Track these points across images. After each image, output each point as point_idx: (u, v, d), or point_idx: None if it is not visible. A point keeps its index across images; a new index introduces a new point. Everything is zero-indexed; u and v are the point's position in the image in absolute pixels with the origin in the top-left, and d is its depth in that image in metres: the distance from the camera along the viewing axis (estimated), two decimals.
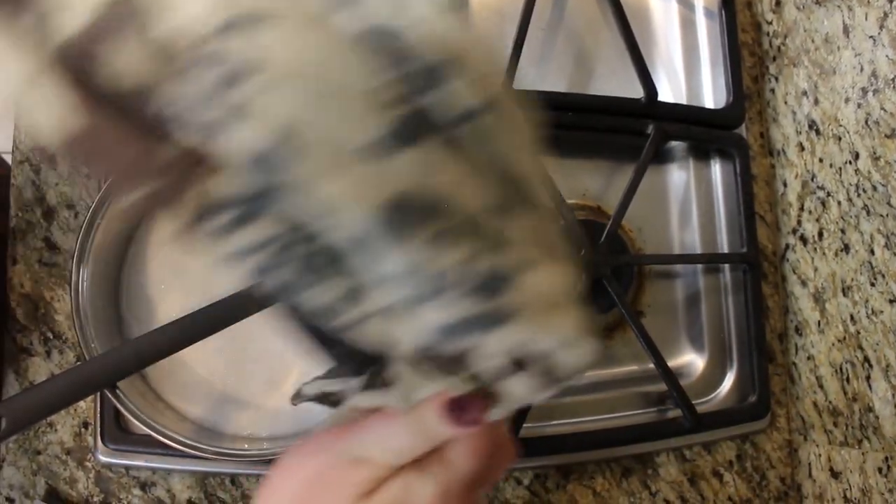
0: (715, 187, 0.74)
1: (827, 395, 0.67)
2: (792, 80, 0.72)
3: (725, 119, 0.71)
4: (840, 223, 0.65)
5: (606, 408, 0.69)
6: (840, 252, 0.65)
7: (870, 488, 0.61)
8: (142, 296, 0.62)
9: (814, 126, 0.68)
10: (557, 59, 0.74)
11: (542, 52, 0.74)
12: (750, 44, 0.78)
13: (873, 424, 0.61)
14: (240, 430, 0.60)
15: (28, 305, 0.68)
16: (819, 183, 0.68)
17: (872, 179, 0.60)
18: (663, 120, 0.70)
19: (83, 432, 0.67)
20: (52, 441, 0.67)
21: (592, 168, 0.73)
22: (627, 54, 0.70)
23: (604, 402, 0.69)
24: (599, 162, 0.73)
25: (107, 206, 0.57)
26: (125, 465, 0.65)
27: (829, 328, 0.67)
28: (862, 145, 0.61)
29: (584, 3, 0.75)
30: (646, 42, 0.76)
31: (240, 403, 0.61)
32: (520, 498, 0.69)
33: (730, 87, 0.73)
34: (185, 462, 0.65)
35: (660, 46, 0.76)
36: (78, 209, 0.70)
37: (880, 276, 0.60)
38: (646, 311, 0.71)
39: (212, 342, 0.58)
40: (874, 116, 0.60)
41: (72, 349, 0.68)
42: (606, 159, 0.73)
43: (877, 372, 0.60)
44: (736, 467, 0.72)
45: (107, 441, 0.64)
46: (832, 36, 0.65)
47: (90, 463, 0.67)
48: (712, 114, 0.73)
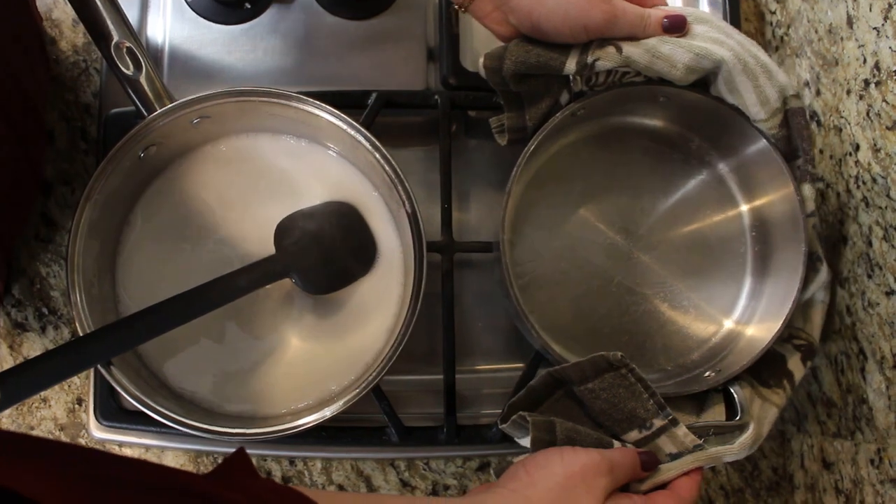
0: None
1: (821, 386, 0.67)
2: (794, 70, 0.72)
3: None
4: (838, 214, 0.64)
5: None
6: (838, 244, 0.65)
7: (861, 479, 0.61)
8: (138, 273, 0.62)
9: (815, 117, 0.68)
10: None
11: None
12: (753, 33, 0.78)
13: (866, 416, 0.61)
14: (233, 409, 0.60)
15: (24, 281, 0.68)
16: (818, 174, 0.68)
17: (872, 171, 0.60)
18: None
19: (77, 408, 0.67)
20: (46, 417, 0.67)
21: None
22: None
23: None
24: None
25: (104, 182, 0.57)
26: (119, 441, 0.66)
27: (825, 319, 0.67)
28: (863, 137, 0.61)
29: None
30: None
31: (234, 383, 0.61)
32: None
33: None
34: (179, 440, 0.65)
35: None
36: (74, 185, 0.69)
37: (878, 269, 0.59)
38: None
39: (208, 321, 0.58)
40: (876, 108, 0.59)
41: (67, 325, 0.68)
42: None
43: (871, 364, 0.60)
44: None
45: (101, 418, 0.64)
46: (836, 26, 0.65)
47: (84, 440, 0.67)
48: None
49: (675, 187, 0.68)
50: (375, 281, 0.63)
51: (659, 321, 0.66)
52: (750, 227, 0.67)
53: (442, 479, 0.68)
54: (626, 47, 0.57)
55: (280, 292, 0.62)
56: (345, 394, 0.57)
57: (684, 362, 0.65)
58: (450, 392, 0.63)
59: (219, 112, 0.59)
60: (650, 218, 0.67)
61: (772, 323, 0.60)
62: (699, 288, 0.66)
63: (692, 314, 0.66)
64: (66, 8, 0.71)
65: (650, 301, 0.66)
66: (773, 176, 0.61)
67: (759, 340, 0.60)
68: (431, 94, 0.68)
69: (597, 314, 0.65)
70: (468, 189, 0.70)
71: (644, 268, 0.66)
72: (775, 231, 0.64)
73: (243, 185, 0.64)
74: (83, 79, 0.71)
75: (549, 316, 0.63)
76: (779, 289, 0.62)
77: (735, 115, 0.60)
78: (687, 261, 0.67)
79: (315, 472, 0.68)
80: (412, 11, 0.72)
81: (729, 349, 0.63)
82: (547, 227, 0.66)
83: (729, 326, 0.65)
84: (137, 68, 0.57)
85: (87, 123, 0.70)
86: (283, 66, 0.70)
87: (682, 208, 0.67)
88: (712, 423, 0.57)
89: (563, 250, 0.66)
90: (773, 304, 0.62)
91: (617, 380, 0.54)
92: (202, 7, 0.70)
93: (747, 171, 0.65)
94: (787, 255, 0.61)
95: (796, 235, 0.60)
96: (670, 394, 0.58)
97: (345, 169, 0.64)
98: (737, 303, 0.66)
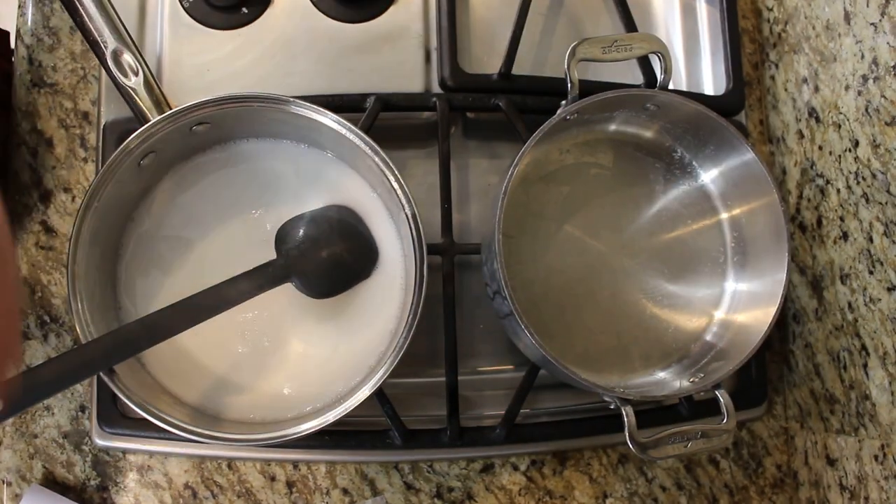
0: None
1: (824, 382, 0.67)
2: (792, 67, 0.72)
3: (725, 106, 0.71)
4: (839, 211, 0.64)
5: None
6: (839, 240, 0.65)
7: (865, 476, 0.61)
8: (139, 280, 0.62)
9: (814, 113, 0.68)
10: (557, 45, 0.74)
11: (541, 37, 0.74)
12: (750, 30, 0.78)
13: (870, 412, 0.61)
14: (236, 415, 0.60)
15: (25, 289, 0.68)
16: (818, 171, 0.68)
17: (872, 167, 0.60)
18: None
19: (80, 416, 0.67)
20: (49, 424, 0.67)
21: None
22: None
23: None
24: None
25: (104, 189, 0.57)
26: (122, 448, 0.66)
27: (827, 316, 0.67)
28: (862, 133, 0.61)
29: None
30: (646, 28, 0.75)
31: (237, 389, 0.61)
32: (516, 484, 0.69)
33: (730, 73, 0.72)
34: (182, 446, 0.65)
35: (660, 32, 0.76)
36: (75, 193, 0.69)
37: (879, 264, 0.59)
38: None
39: (210, 327, 0.58)
40: (874, 104, 0.59)
41: (68, 333, 0.68)
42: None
43: (874, 360, 0.60)
44: (732, 454, 0.72)
45: (104, 425, 0.64)
46: (833, 23, 0.65)
47: (87, 447, 0.67)
48: (712, 100, 0.73)
49: (658, 194, 0.67)
50: (376, 284, 0.63)
51: (643, 326, 0.65)
52: (730, 234, 0.66)
53: (446, 482, 0.68)
54: None
55: (282, 296, 0.62)
56: (347, 397, 0.56)
57: (669, 366, 0.65)
58: (452, 394, 0.63)
59: (218, 118, 0.59)
60: (633, 225, 0.67)
61: (755, 325, 0.60)
62: (682, 293, 0.66)
63: (676, 318, 0.66)
64: (64, 15, 0.71)
65: (636, 306, 0.66)
66: (756, 184, 0.61)
67: (744, 343, 0.60)
68: (430, 96, 0.68)
69: (581, 318, 0.65)
70: (467, 191, 0.70)
71: (629, 273, 0.66)
72: (757, 238, 0.63)
73: (243, 190, 0.64)
74: (82, 86, 0.71)
75: (535, 318, 0.63)
76: (761, 292, 0.62)
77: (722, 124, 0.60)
78: (669, 266, 0.66)
79: (319, 476, 0.68)
80: (409, 14, 0.72)
81: (713, 353, 0.63)
82: (532, 230, 0.65)
83: (713, 330, 0.65)
84: (135, 75, 0.57)
85: (86, 131, 0.70)
86: (281, 70, 0.70)
87: (664, 216, 0.67)
88: (700, 427, 0.57)
89: (548, 254, 0.65)
90: (755, 307, 0.62)
91: None
92: (199, 13, 0.70)
93: (730, 180, 0.65)
94: (768, 260, 0.61)
95: (779, 245, 0.59)
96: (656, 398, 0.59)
97: (344, 172, 0.64)
98: (719, 306, 0.66)
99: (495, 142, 0.72)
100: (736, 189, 0.64)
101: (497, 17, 0.73)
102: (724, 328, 0.64)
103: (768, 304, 0.59)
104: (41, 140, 0.70)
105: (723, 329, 0.64)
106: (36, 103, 0.70)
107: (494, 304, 0.61)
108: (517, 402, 0.64)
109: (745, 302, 0.63)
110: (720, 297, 0.66)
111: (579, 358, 0.61)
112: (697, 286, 0.66)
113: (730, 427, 0.57)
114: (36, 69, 0.71)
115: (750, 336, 0.59)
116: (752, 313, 0.61)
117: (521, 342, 0.60)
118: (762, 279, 0.61)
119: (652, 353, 0.65)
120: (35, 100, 0.70)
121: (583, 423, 0.67)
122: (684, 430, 0.56)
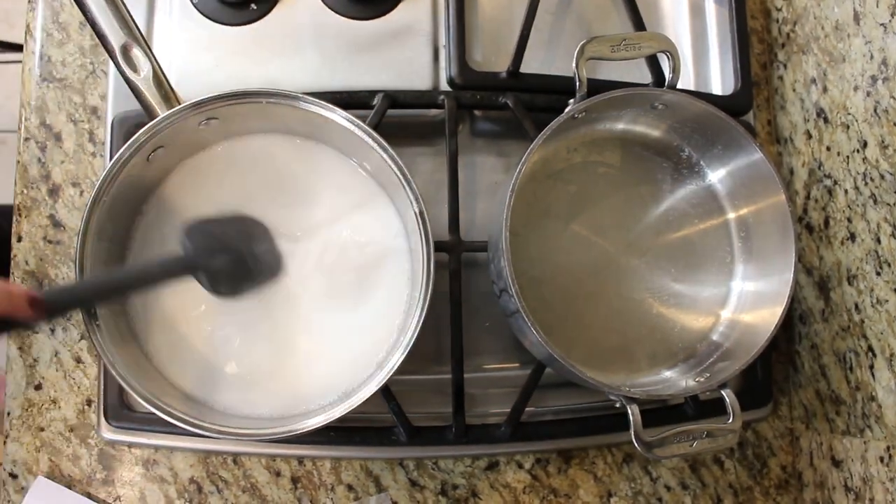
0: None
1: (830, 383, 0.67)
2: (801, 67, 0.72)
3: (733, 106, 0.71)
4: (847, 212, 0.64)
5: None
6: (846, 241, 0.65)
7: (871, 477, 0.61)
8: None
9: (822, 114, 0.68)
10: (565, 44, 0.74)
11: (550, 36, 0.74)
12: (759, 30, 0.78)
13: (875, 414, 0.61)
14: (243, 410, 0.61)
15: (32, 282, 0.68)
16: (826, 171, 0.67)
17: (880, 168, 0.60)
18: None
19: (86, 409, 0.67)
20: (56, 418, 0.67)
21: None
22: None
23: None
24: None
25: (112, 184, 0.57)
26: (128, 442, 0.66)
27: (834, 317, 0.67)
28: (870, 134, 0.61)
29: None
30: (654, 27, 0.75)
31: (243, 384, 0.61)
32: (521, 482, 0.69)
33: (738, 73, 0.72)
34: (188, 440, 0.65)
35: (668, 31, 0.76)
36: (83, 187, 0.70)
37: (886, 266, 0.59)
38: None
39: (216, 322, 0.58)
40: (883, 105, 0.59)
41: (76, 327, 0.68)
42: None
43: (881, 361, 0.60)
44: (737, 455, 0.72)
45: (110, 419, 0.64)
46: (842, 23, 0.65)
47: (93, 440, 0.67)
48: (720, 100, 0.73)
49: (665, 194, 0.67)
50: (383, 281, 0.63)
51: (649, 325, 0.65)
52: (737, 233, 0.66)
53: (451, 479, 0.68)
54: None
55: (285, 295, 0.62)
56: (354, 394, 0.57)
57: (675, 365, 0.65)
58: (458, 391, 0.63)
59: (226, 113, 0.59)
60: (640, 224, 0.67)
61: (762, 325, 0.60)
62: (689, 292, 0.66)
63: (682, 317, 0.66)
64: (73, 11, 0.71)
65: (642, 304, 0.66)
66: (764, 185, 0.61)
67: (750, 343, 0.60)
68: (438, 94, 0.68)
69: (587, 316, 0.65)
70: (475, 189, 0.70)
71: (635, 272, 0.66)
72: (764, 238, 0.63)
73: (251, 185, 0.64)
74: (91, 81, 0.71)
75: (541, 316, 0.63)
76: (768, 292, 0.61)
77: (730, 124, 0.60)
78: (676, 265, 0.66)
79: (324, 472, 0.68)
80: (418, 12, 0.72)
81: (719, 352, 0.63)
82: (539, 228, 0.66)
83: (719, 329, 0.65)
84: (144, 70, 0.57)
85: (95, 126, 0.70)
86: (290, 66, 0.70)
87: (671, 215, 0.67)
88: (705, 426, 0.57)
89: (555, 252, 0.66)
90: (761, 307, 0.61)
91: None
92: (209, 9, 0.71)
93: (738, 180, 0.64)
94: (775, 260, 0.61)
95: (786, 245, 0.59)
96: (662, 397, 0.58)
97: (352, 169, 0.64)
98: (726, 306, 0.66)
99: (503, 140, 0.72)
100: (743, 189, 0.64)
101: (505, 16, 0.73)
102: (731, 328, 0.64)
103: (775, 305, 0.59)
104: (50, 134, 0.70)
105: (729, 329, 0.64)
106: (45, 98, 0.71)
107: (501, 302, 0.61)
108: (522, 400, 0.64)
109: (752, 302, 0.63)
110: (727, 297, 0.66)
111: (585, 356, 0.61)
112: (704, 285, 0.66)
113: (735, 427, 0.57)
114: (45, 64, 0.71)
115: (756, 336, 0.58)
116: (758, 313, 0.61)
117: (527, 340, 0.60)
118: (769, 279, 0.61)
119: (658, 353, 0.65)
120: (44, 94, 0.71)
121: (588, 421, 0.67)
122: (690, 430, 0.56)
